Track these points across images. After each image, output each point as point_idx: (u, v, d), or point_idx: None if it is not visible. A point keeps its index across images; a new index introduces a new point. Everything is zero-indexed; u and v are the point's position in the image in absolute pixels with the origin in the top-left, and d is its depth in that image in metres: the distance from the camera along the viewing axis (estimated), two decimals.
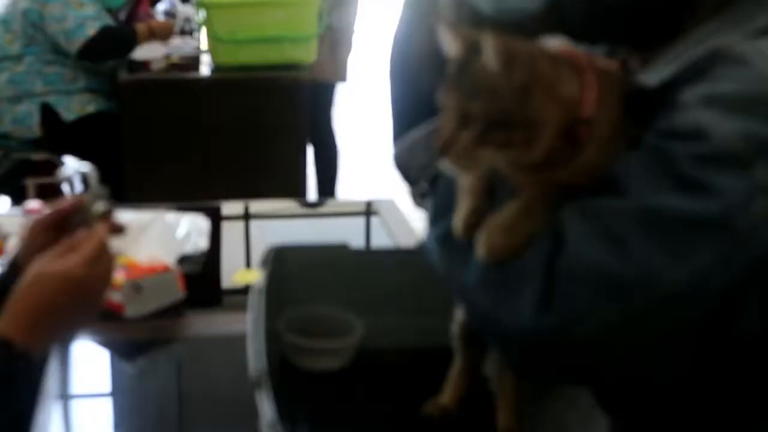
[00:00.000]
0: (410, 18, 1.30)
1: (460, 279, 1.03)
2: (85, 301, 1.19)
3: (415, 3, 1.27)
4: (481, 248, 1.00)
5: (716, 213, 0.91)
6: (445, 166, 0.97)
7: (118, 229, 1.30)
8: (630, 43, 1.13)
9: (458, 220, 1.04)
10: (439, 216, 1.09)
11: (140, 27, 4.03)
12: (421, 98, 1.13)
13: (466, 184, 1.05)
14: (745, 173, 0.91)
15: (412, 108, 1.07)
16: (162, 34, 4.13)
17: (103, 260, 1.20)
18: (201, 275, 2.13)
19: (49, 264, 1.16)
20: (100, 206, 1.28)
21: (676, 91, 0.98)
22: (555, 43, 1.04)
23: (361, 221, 2.65)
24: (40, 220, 1.30)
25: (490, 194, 1.03)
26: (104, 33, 3.81)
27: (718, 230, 0.91)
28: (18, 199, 4.02)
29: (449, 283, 1.07)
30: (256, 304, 1.32)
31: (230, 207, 2.70)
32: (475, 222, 1.02)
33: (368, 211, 2.55)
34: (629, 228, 0.92)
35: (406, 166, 1.14)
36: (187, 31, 4.72)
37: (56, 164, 4.07)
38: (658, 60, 1.04)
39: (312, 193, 4.42)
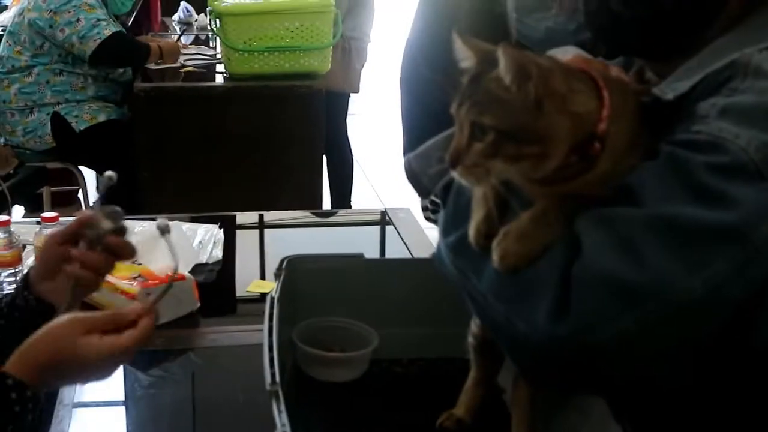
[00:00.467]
0: (422, 28, 1.30)
1: (475, 287, 1.03)
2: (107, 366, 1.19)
3: (428, 12, 1.28)
4: (495, 256, 1.00)
5: (733, 223, 0.91)
6: (457, 177, 0.97)
7: (129, 250, 1.31)
8: (647, 56, 1.13)
9: (473, 226, 1.04)
10: (451, 225, 1.09)
11: (152, 45, 4.05)
12: (432, 108, 1.14)
13: (479, 194, 1.05)
14: (763, 185, 0.91)
15: (423, 118, 1.07)
16: (170, 55, 4.14)
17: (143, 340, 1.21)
18: (216, 284, 2.13)
19: (93, 342, 1.15)
20: (110, 223, 1.28)
21: (694, 103, 0.98)
22: (568, 53, 1.04)
23: (375, 231, 2.65)
24: (54, 236, 1.31)
25: (504, 203, 1.03)
26: (119, 37, 3.83)
27: (734, 240, 0.91)
28: (33, 207, 4.05)
29: (463, 292, 1.07)
30: (270, 314, 1.31)
31: (245, 217, 2.70)
32: (488, 231, 1.02)
33: (383, 220, 2.55)
34: (644, 236, 0.92)
35: (418, 175, 1.14)
36: (202, 40, 4.75)
37: (71, 173, 4.11)
38: (676, 72, 1.04)
39: (326, 203, 4.42)
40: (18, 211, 4.11)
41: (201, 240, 2.27)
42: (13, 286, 1.90)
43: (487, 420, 1.32)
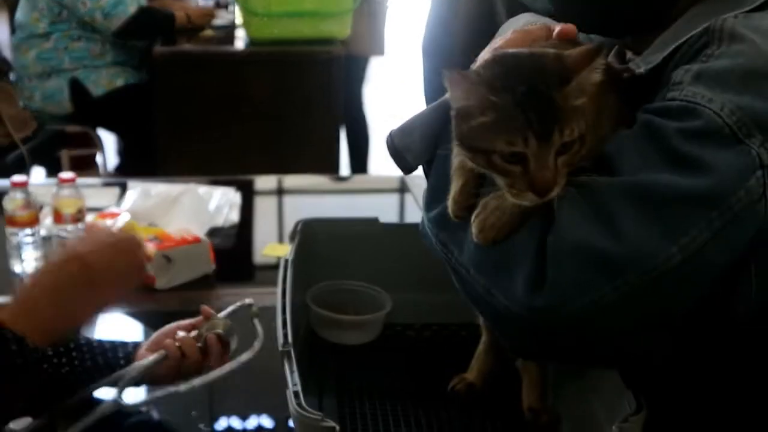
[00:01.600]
0: (443, 10, 1.30)
1: (457, 260, 1.03)
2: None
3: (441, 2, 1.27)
4: (474, 229, 0.99)
5: (708, 188, 0.89)
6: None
7: (217, 355, 1.36)
8: (622, 34, 1.12)
9: (450, 197, 1.03)
10: (433, 198, 1.08)
11: (179, 14, 4.04)
12: None
13: (457, 165, 1.04)
14: (738, 148, 0.90)
15: (442, 88, 1.06)
16: (200, 21, 4.13)
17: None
18: (233, 248, 2.14)
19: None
20: (221, 329, 1.38)
21: (670, 72, 0.97)
22: (519, 22, 1.04)
23: (393, 197, 2.65)
24: (180, 323, 1.42)
25: (481, 174, 1.02)
26: (145, 12, 3.82)
27: (710, 206, 0.89)
28: (53, 170, 4.06)
29: (447, 265, 1.06)
30: (284, 276, 1.32)
31: (263, 181, 2.70)
32: (466, 202, 1.01)
33: (402, 187, 2.55)
34: (619, 206, 0.91)
35: (401, 152, 1.13)
36: (222, 5, 4.73)
37: (89, 136, 4.13)
38: (652, 46, 1.04)
39: (344, 168, 4.42)
40: (39, 174, 4.13)
41: (217, 203, 2.27)
42: (31, 245, 1.92)
43: (499, 385, 1.32)
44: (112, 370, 1.35)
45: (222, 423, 1.45)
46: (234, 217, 2.25)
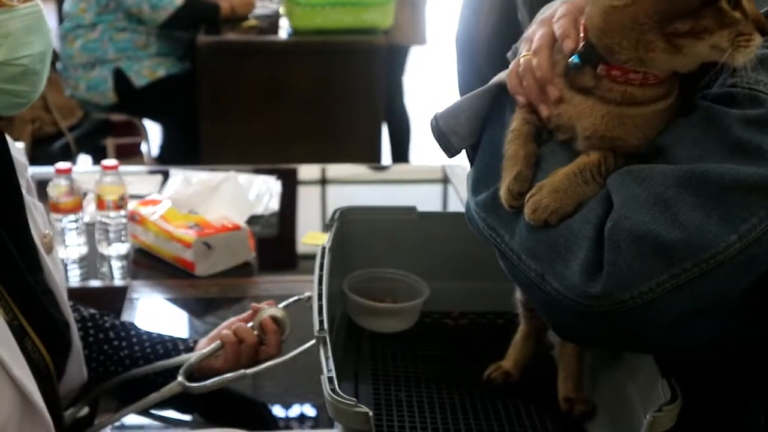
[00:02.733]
0: (473, 1, 1.29)
1: (507, 244, 1.02)
2: None
3: None
4: (527, 209, 0.98)
5: None
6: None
7: (273, 333, 1.45)
8: None
9: (504, 187, 1.03)
10: (481, 182, 1.08)
11: (223, 4, 4.07)
12: (483, 71, 1.12)
13: (510, 153, 1.03)
14: None
15: (474, 80, 1.06)
16: (244, 10, 4.16)
17: None
18: (273, 237, 2.16)
19: None
20: (272, 310, 1.48)
21: None
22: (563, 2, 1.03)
23: (435, 187, 2.65)
24: (240, 316, 1.50)
25: (536, 162, 1.02)
26: (191, 4, 3.85)
27: None
28: (99, 158, 4.12)
29: (495, 249, 1.06)
30: (321, 264, 1.33)
31: (306, 170, 2.72)
32: (519, 190, 1.01)
33: (445, 177, 2.55)
34: (678, 193, 0.90)
35: (446, 135, 1.13)
36: None
37: (134, 125, 4.17)
38: None
39: (385, 158, 4.42)
40: (86, 161, 4.19)
41: (257, 192, 2.29)
42: (75, 231, 1.95)
43: (535, 374, 1.32)
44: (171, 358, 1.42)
45: (267, 407, 1.47)
46: (274, 205, 2.26)
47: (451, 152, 1.14)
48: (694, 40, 0.91)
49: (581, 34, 0.97)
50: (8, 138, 1.21)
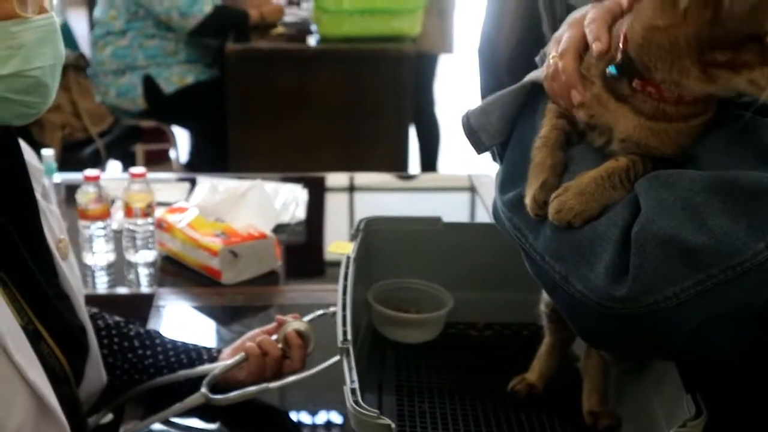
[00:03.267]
0: (495, 13, 1.29)
1: (531, 245, 1.02)
2: None
3: (495, 3, 1.26)
4: (552, 209, 0.98)
5: None
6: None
7: (298, 347, 1.44)
8: None
9: (529, 195, 1.02)
10: (509, 181, 1.08)
11: (252, 12, 4.09)
12: (503, 80, 1.12)
13: (538, 160, 1.03)
14: None
15: (496, 89, 1.06)
16: (273, 18, 4.18)
17: None
18: (299, 245, 2.16)
19: None
20: (297, 324, 1.46)
21: None
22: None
23: (462, 196, 2.64)
24: (264, 328, 1.50)
25: (562, 171, 1.01)
26: (219, 11, 3.88)
27: None
28: (128, 164, 4.15)
29: (520, 249, 1.06)
30: (345, 274, 1.33)
31: (334, 178, 2.72)
32: (545, 199, 1.00)
33: (472, 186, 2.54)
34: (707, 199, 0.89)
35: (477, 132, 1.13)
36: (294, 2, 4.77)
37: (163, 131, 4.20)
38: None
39: (413, 166, 4.42)
40: (115, 167, 4.22)
41: (284, 200, 2.29)
42: (102, 238, 1.97)
43: (559, 387, 1.31)
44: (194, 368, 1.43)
45: (292, 417, 1.47)
46: (300, 214, 2.27)
47: (480, 149, 1.14)
48: (732, 73, 0.89)
49: (620, 45, 0.97)
50: (22, 143, 1.22)
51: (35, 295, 1.15)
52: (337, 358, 1.22)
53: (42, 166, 1.33)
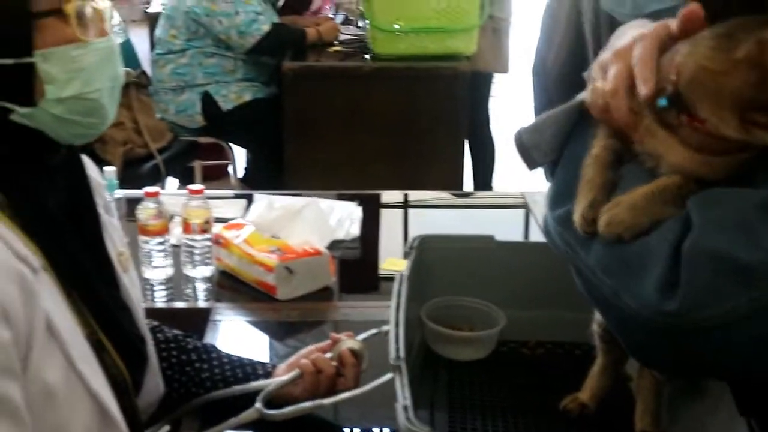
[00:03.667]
0: (548, 33, 1.30)
1: (582, 261, 1.02)
2: None
3: (551, 20, 1.27)
4: (602, 222, 0.98)
5: None
6: None
7: (352, 366, 1.47)
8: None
9: (578, 212, 1.03)
10: (560, 197, 1.08)
11: (310, 30, 4.14)
12: (557, 100, 1.13)
13: (588, 178, 1.04)
14: None
15: (549, 109, 1.06)
16: (329, 37, 4.22)
17: None
18: (353, 262, 2.18)
19: None
20: (351, 342, 1.49)
21: None
22: (640, 26, 1.02)
23: (516, 213, 2.64)
24: (319, 346, 1.52)
25: (612, 189, 1.02)
26: (277, 30, 3.94)
27: None
28: (186, 180, 4.22)
29: (570, 265, 1.06)
30: (398, 291, 1.34)
31: (389, 196, 2.74)
32: (594, 217, 1.01)
33: (526, 203, 2.54)
34: (761, 216, 0.89)
35: (529, 149, 1.14)
36: (351, 21, 4.81)
37: (221, 147, 4.26)
38: None
39: (468, 184, 4.42)
40: (173, 183, 4.29)
41: (339, 217, 2.31)
42: (161, 253, 2.01)
43: (612, 407, 1.31)
44: (249, 383, 1.46)
45: None
46: (355, 230, 2.29)
47: (532, 165, 1.15)
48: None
49: (673, 77, 0.97)
50: (85, 158, 1.26)
51: (98, 305, 1.18)
52: (390, 375, 1.24)
53: (104, 181, 1.36)
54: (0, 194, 1.07)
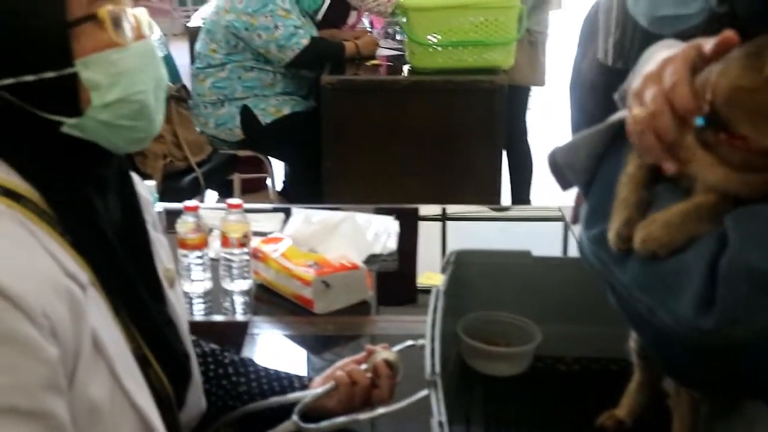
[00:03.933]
0: (584, 43, 1.30)
1: (617, 278, 1.02)
2: None
3: (589, 29, 1.27)
4: (638, 238, 0.98)
5: None
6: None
7: (388, 377, 1.44)
8: None
9: (612, 231, 1.03)
10: (595, 217, 1.08)
11: (348, 44, 4.17)
12: (594, 115, 1.13)
13: (622, 197, 1.04)
14: None
15: (585, 124, 1.07)
16: (368, 51, 4.24)
17: None
18: (390, 276, 2.18)
19: None
20: (386, 353, 1.46)
21: None
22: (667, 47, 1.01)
23: (555, 227, 2.64)
24: (355, 358, 1.51)
25: (646, 208, 1.01)
26: (316, 44, 3.97)
27: None
28: (224, 193, 4.25)
29: (604, 284, 1.06)
30: (434, 306, 1.35)
31: (427, 209, 2.74)
32: (628, 235, 1.01)
33: (563, 217, 2.54)
34: None
35: (562, 169, 1.14)
36: (390, 35, 4.83)
37: (260, 160, 4.29)
38: None
39: (506, 197, 4.41)
40: (211, 196, 4.32)
41: (375, 231, 2.32)
42: (200, 267, 2.03)
43: (649, 424, 1.30)
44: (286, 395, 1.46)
45: None
46: (392, 244, 2.29)
47: (566, 186, 1.15)
48: None
49: (709, 97, 0.97)
50: (134, 176, 1.27)
51: (145, 321, 1.19)
52: (425, 392, 1.24)
53: (152, 198, 1.38)
54: (51, 210, 1.09)
